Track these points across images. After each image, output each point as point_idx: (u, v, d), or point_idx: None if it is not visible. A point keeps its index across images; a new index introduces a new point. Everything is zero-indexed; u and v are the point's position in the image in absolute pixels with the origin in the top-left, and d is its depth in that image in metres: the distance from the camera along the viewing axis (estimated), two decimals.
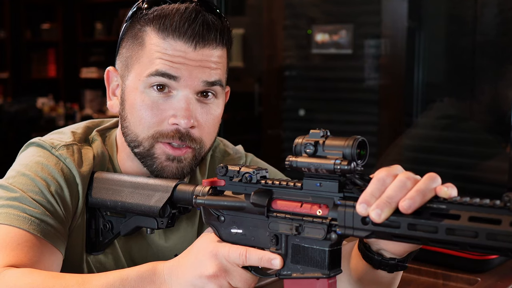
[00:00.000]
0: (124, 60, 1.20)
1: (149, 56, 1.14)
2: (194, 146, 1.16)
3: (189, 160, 1.17)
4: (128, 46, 1.19)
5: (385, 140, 2.92)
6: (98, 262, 1.22)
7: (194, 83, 1.14)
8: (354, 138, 0.86)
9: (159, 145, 1.16)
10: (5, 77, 6.00)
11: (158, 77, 1.13)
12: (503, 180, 2.30)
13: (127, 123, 1.19)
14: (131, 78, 1.17)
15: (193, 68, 1.13)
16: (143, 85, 1.15)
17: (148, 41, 1.15)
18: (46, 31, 6.35)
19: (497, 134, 2.51)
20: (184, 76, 1.13)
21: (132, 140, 1.18)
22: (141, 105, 1.15)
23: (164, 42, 1.13)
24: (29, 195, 1.11)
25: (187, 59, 1.13)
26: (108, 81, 1.25)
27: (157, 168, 1.17)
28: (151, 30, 1.15)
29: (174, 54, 1.13)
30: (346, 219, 0.86)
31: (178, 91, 1.14)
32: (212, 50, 1.15)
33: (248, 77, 3.61)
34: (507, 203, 0.75)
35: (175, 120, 1.14)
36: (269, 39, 3.42)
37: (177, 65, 1.13)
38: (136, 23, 1.18)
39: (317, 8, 3.26)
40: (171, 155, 1.15)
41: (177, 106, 1.14)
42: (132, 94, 1.17)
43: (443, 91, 2.79)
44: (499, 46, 2.49)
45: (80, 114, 6.06)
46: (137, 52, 1.17)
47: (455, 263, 1.65)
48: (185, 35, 1.13)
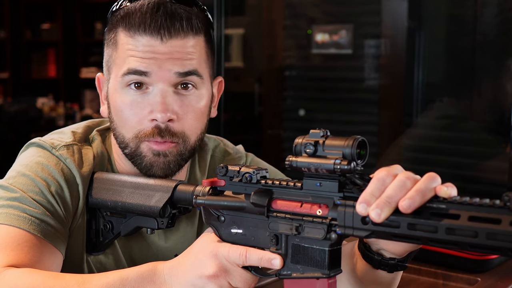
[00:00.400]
0: (105, 64, 1.22)
1: (121, 56, 1.15)
2: (176, 141, 1.16)
3: (174, 155, 1.16)
4: (107, 50, 1.21)
5: (385, 140, 2.92)
6: (98, 263, 1.22)
7: (166, 75, 1.13)
8: (354, 138, 0.87)
9: (144, 143, 1.16)
10: (5, 77, 6.00)
11: (131, 75, 1.14)
12: (503, 180, 2.30)
13: (114, 125, 1.20)
14: (111, 81, 1.19)
15: (162, 61, 1.13)
16: (120, 85, 1.16)
17: (119, 41, 1.16)
18: (46, 31, 6.35)
19: (497, 134, 2.51)
20: (154, 70, 1.13)
21: (121, 141, 1.19)
22: (121, 105, 1.16)
23: (132, 39, 1.14)
24: (29, 195, 1.11)
25: (156, 53, 1.13)
26: (100, 87, 1.26)
27: (146, 166, 1.17)
28: (121, 30, 1.16)
29: (144, 50, 1.13)
30: (346, 219, 0.86)
31: (153, 87, 1.14)
32: (181, 40, 1.14)
33: (248, 77, 3.61)
34: (507, 202, 0.75)
35: (152, 115, 1.14)
36: (269, 39, 3.42)
37: (146, 60, 1.13)
38: (111, 27, 1.19)
39: (317, 8, 3.26)
40: (156, 150, 1.15)
41: (153, 101, 1.14)
42: (113, 96, 1.18)
43: (443, 91, 2.79)
44: (499, 46, 2.49)
45: (80, 114, 6.05)
46: (113, 54, 1.18)
47: (455, 263, 1.65)
48: (149, 28, 1.12)
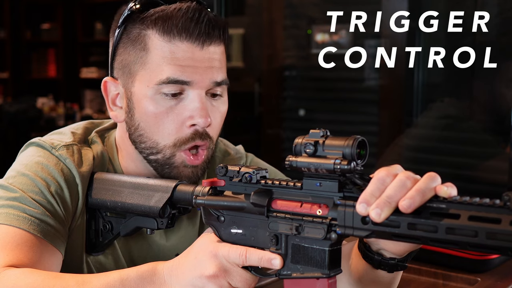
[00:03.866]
0: (124, 66, 1.17)
1: (156, 61, 1.13)
2: (210, 146, 1.17)
3: (203, 162, 1.18)
4: (127, 52, 1.16)
5: (385, 140, 2.92)
6: (98, 263, 1.22)
7: (205, 84, 1.14)
8: (354, 138, 0.87)
9: (180, 153, 1.15)
10: (5, 77, 6.00)
11: (170, 85, 1.12)
12: (503, 180, 2.30)
13: (141, 131, 1.17)
14: (137, 85, 1.15)
15: (203, 70, 1.13)
16: (153, 91, 1.13)
17: (151, 44, 1.13)
18: (46, 31, 6.35)
19: (497, 134, 2.50)
20: (195, 80, 1.13)
21: (150, 147, 1.17)
22: (155, 113, 1.14)
23: (170, 44, 1.12)
24: (29, 195, 1.11)
25: (195, 60, 1.12)
26: (106, 92, 1.22)
27: (175, 175, 1.17)
28: (153, 33, 1.13)
29: (182, 57, 1.11)
30: (346, 219, 0.86)
31: (189, 92, 1.14)
32: (216, 47, 1.15)
33: (248, 77, 3.61)
34: (507, 202, 0.75)
35: (192, 121, 1.13)
36: (269, 39, 3.41)
37: (187, 69, 1.12)
38: (133, 27, 1.15)
39: (317, 8, 3.26)
40: (189, 164, 1.16)
41: (192, 107, 1.13)
42: (142, 102, 1.15)
43: (443, 91, 2.79)
44: (499, 46, 2.49)
45: (80, 114, 6.06)
46: (140, 58, 1.14)
47: (455, 263, 1.65)
48: (192, 35, 1.11)
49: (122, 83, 1.19)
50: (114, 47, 1.19)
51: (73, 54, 6.40)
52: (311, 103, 3.33)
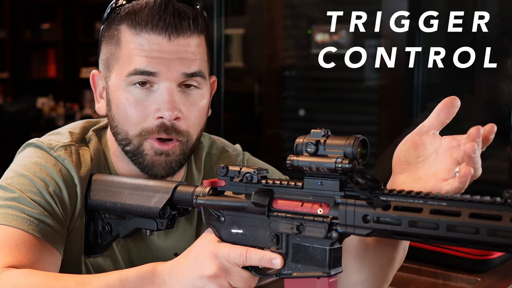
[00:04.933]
0: (104, 61, 1.21)
1: (126, 54, 1.15)
2: (181, 139, 1.16)
3: (177, 154, 1.17)
4: (106, 47, 1.19)
5: (385, 140, 2.92)
6: (96, 265, 1.22)
7: (174, 75, 1.14)
8: (355, 137, 0.87)
9: (148, 141, 1.16)
10: (5, 77, 6.00)
11: (137, 76, 1.14)
12: (503, 180, 2.30)
13: (115, 123, 1.19)
14: (113, 78, 1.18)
15: (170, 61, 1.13)
16: (125, 84, 1.15)
17: (123, 39, 1.15)
18: (46, 31, 6.35)
19: (497, 134, 2.50)
20: (162, 71, 1.13)
21: (123, 138, 1.18)
22: (125, 103, 1.16)
23: (138, 37, 1.13)
24: (27, 196, 1.11)
25: (163, 52, 1.12)
26: (94, 84, 1.25)
27: (148, 164, 1.17)
28: (124, 28, 1.15)
29: (150, 48, 1.12)
30: (347, 218, 0.86)
31: (159, 84, 1.14)
32: (187, 39, 1.14)
33: (248, 77, 3.61)
34: (508, 199, 0.75)
35: (159, 113, 1.14)
36: (269, 39, 3.41)
37: (154, 60, 1.12)
38: (111, 24, 1.18)
39: (317, 8, 3.26)
40: (159, 149, 1.16)
41: (160, 99, 1.14)
42: (116, 94, 1.17)
43: (443, 91, 2.79)
44: (499, 46, 2.49)
45: (80, 114, 6.05)
46: (115, 52, 1.17)
47: (455, 263, 1.65)
48: (158, 26, 1.12)
49: (103, 77, 1.22)
50: (99, 43, 1.23)
51: (73, 54, 6.40)
52: (311, 103, 3.33)
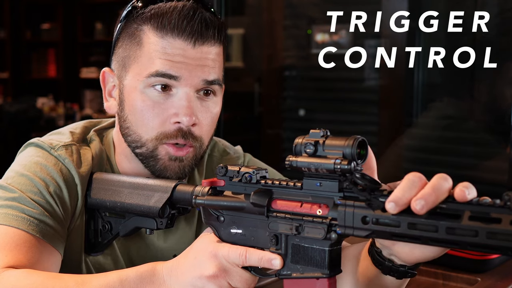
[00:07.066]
0: (120, 60, 1.19)
1: (147, 56, 1.14)
2: (195, 145, 1.16)
3: (190, 159, 1.17)
4: (124, 46, 1.18)
5: (385, 140, 2.91)
6: (97, 263, 1.22)
7: (194, 81, 1.14)
8: (354, 137, 0.86)
9: (163, 146, 1.16)
10: (5, 77, 6.00)
11: (158, 78, 1.13)
12: (503, 180, 2.30)
13: (128, 124, 1.18)
14: (129, 78, 1.17)
15: (193, 67, 1.13)
16: (143, 85, 1.14)
17: (146, 40, 1.15)
18: (46, 31, 6.36)
19: (497, 134, 2.50)
20: (184, 76, 1.13)
21: (135, 140, 1.18)
22: (142, 106, 1.15)
23: (162, 40, 1.13)
24: (28, 196, 1.11)
25: (186, 57, 1.13)
26: (104, 82, 1.24)
27: (160, 168, 1.17)
28: (148, 29, 1.14)
29: (174, 53, 1.12)
30: (346, 219, 0.86)
31: (178, 89, 1.14)
32: (211, 47, 1.15)
33: (248, 77, 3.60)
34: (507, 202, 0.75)
35: (177, 118, 1.14)
36: (269, 39, 3.41)
37: (177, 64, 1.12)
38: (132, 22, 1.17)
39: (317, 8, 3.25)
40: (173, 155, 1.16)
41: (178, 104, 1.14)
42: (131, 95, 1.16)
43: (443, 91, 2.79)
44: (499, 46, 2.49)
45: (80, 114, 6.06)
46: (134, 52, 1.16)
47: (455, 263, 1.65)
48: (184, 32, 1.12)
49: (117, 76, 1.21)
50: (115, 41, 1.21)
51: (73, 54, 6.41)
52: (311, 103, 3.33)
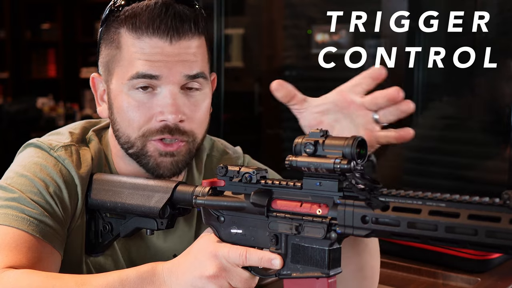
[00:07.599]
0: (105, 64, 1.20)
1: (127, 58, 1.14)
2: (186, 139, 1.16)
3: (184, 154, 1.17)
4: (107, 51, 1.19)
5: None
6: (97, 264, 1.22)
7: (176, 78, 1.13)
8: (354, 137, 0.87)
9: (151, 143, 1.15)
10: (5, 77, 6.00)
11: (140, 79, 1.13)
12: (503, 180, 2.30)
13: (117, 126, 1.19)
14: (114, 82, 1.17)
15: (172, 64, 1.13)
16: (127, 87, 1.15)
17: (124, 42, 1.15)
18: (46, 31, 6.35)
19: (497, 134, 2.50)
20: (164, 74, 1.13)
21: (125, 142, 1.18)
22: (127, 107, 1.15)
23: (139, 41, 1.13)
24: (27, 196, 1.11)
25: (164, 55, 1.12)
26: (95, 87, 1.25)
27: (153, 166, 1.16)
28: (125, 31, 1.15)
29: (152, 52, 1.12)
30: (346, 218, 0.87)
31: (161, 88, 1.14)
32: (189, 41, 1.14)
33: (248, 77, 3.60)
34: (507, 200, 0.75)
35: (162, 116, 1.14)
36: (269, 39, 3.41)
37: (156, 64, 1.12)
38: (110, 27, 1.18)
39: (317, 8, 3.25)
40: (163, 151, 1.15)
41: (163, 103, 1.14)
42: (118, 98, 1.17)
43: (443, 91, 2.79)
44: (499, 46, 2.49)
45: (80, 114, 6.05)
46: (115, 56, 1.16)
47: (455, 263, 1.65)
48: (159, 30, 1.12)
49: (104, 80, 1.21)
50: (98, 46, 1.22)
51: (73, 54, 6.40)
52: None
